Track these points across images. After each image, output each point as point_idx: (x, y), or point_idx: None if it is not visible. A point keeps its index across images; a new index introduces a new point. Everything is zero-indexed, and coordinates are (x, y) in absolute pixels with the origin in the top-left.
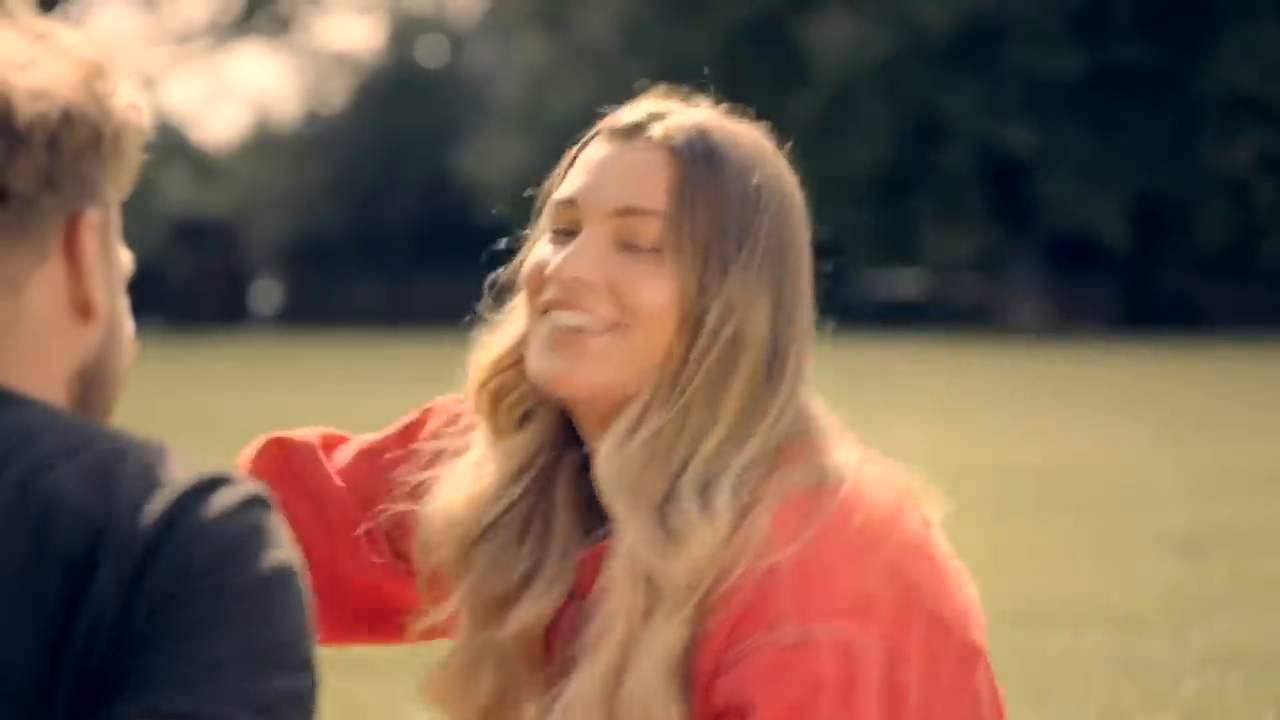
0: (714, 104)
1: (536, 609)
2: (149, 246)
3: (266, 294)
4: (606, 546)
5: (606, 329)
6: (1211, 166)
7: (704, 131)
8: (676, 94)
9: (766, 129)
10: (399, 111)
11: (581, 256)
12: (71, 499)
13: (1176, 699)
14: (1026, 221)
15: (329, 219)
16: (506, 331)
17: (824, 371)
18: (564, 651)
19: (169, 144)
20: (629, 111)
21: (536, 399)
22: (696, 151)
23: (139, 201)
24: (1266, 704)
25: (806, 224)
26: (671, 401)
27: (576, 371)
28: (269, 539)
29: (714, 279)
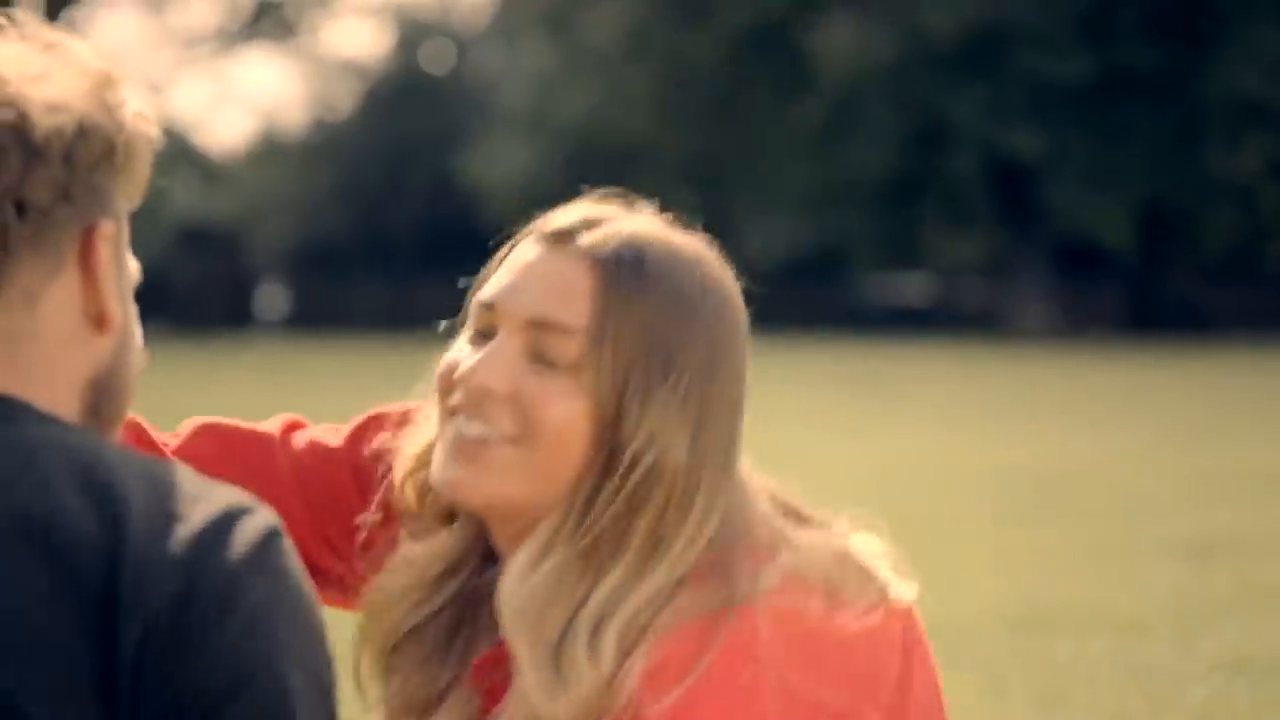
0: (657, 210)
1: None
2: (154, 252)
3: (272, 299)
4: (503, 653)
5: (509, 442)
6: (1217, 172)
7: (635, 244)
8: (620, 198)
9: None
10: (405, 117)
11: (490, 365)
12: (84, 531)
13: (1182, 705)
14: (1032, 226)
15: (335, 224)
16: (431, 423)
17: (830, 376)
18: None
19: (175, 149)
20: (562, 214)
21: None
22: (624, 265)
23: (145, 207)
24: (1273, 710)
25: (744, 341)
26: (579, 534)
27: (476, 482)
28: (289, 579)
29: (633, 407)
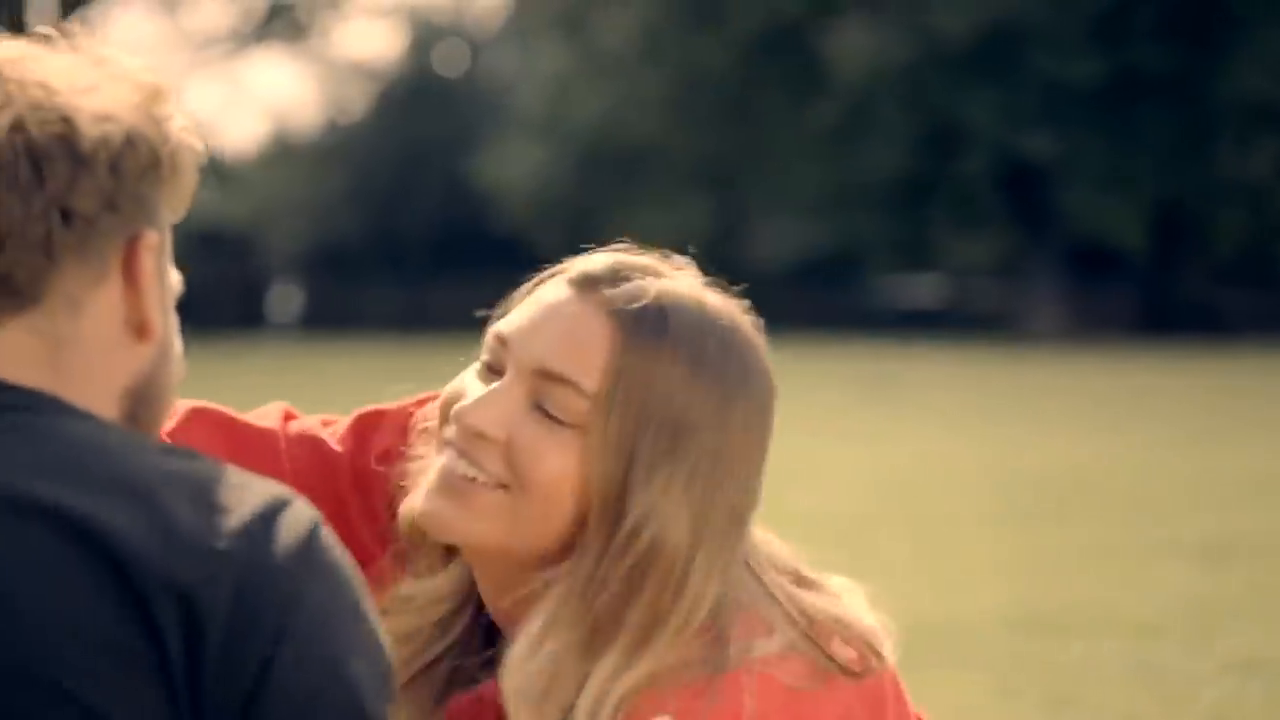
0: (698, 270)
1: None
2: None
3: (284, 301)
4: (489, 692)
5: (497, 487)
6: (1230, 173)
7: (662, 304)
8: (659, 251)
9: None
10: (418, 119)
11: (489, 408)
12: (127, 526)
13: (1194, 707)
14: (1045, 228)
15: (347, 226)
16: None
17: (842, 378)
18: None
19: None
20: (595, 260)
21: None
22: (646, 326)
23: None
24: None
25: (767, 416)
26: (580, 617)
27: (457, 519)
28: (343, 571)
29: (637, 483)
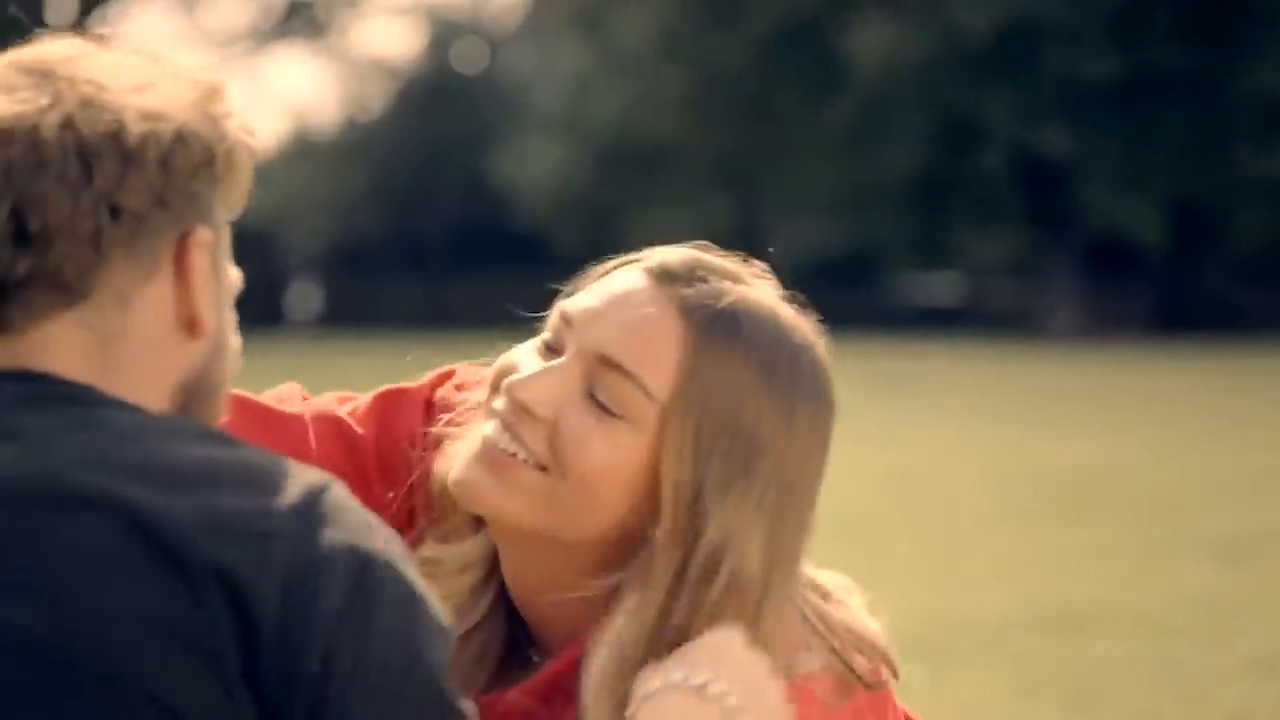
0: (778, 282)
1: None
2: None
3: (304, 298)
4: (513, 700)
5: (536, 466)
6: (1248, 170)
7: (739, 313)
8: (742, 255)
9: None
10: (437, 117)
11: (541, 385)
12: (180, 520)
13: (1215, 705)
14: (1063, 226)
15: (367, 224)
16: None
17: (861, 376)
18: None
19: None
20: (675, 254)
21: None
22: (720, 333)
23: None
24: None
25: (828, 440)
26: (657, 632)
27: (492, 491)
28: (390, 551)
29: (712, 499)
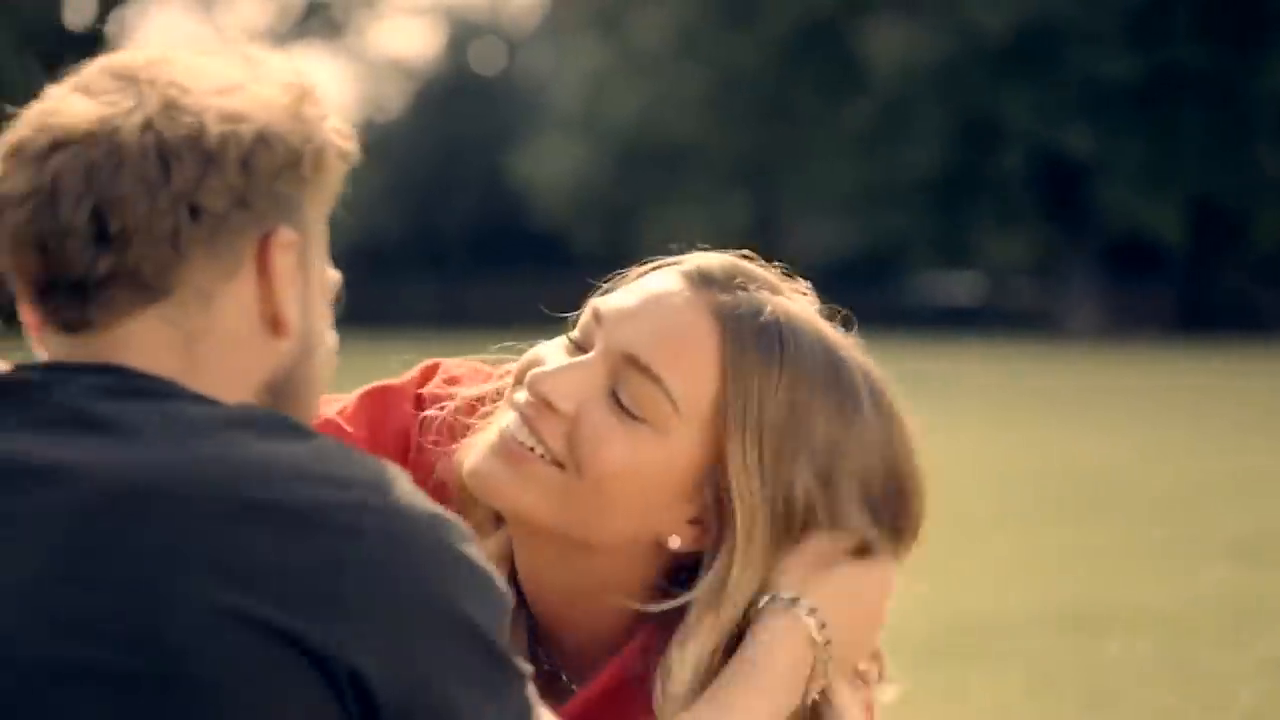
0: (815, 296)
1: None
2: None
3: None
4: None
5: (553, 462)
6: (1269, 170)
7: (781, 326)
8: (782, 268)
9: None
10: (455, 116)
11: (564, 380)
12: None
13: (1232, 705)
14: (1083, 225)
15: (385, 223)
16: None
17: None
18: None
19: None
20: (715, 258)
21: None
22: (762, 345)
23: None
24: None
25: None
26: (720, 648)
27: (507, 485)
28: (468, 538)
29: (804, 518)
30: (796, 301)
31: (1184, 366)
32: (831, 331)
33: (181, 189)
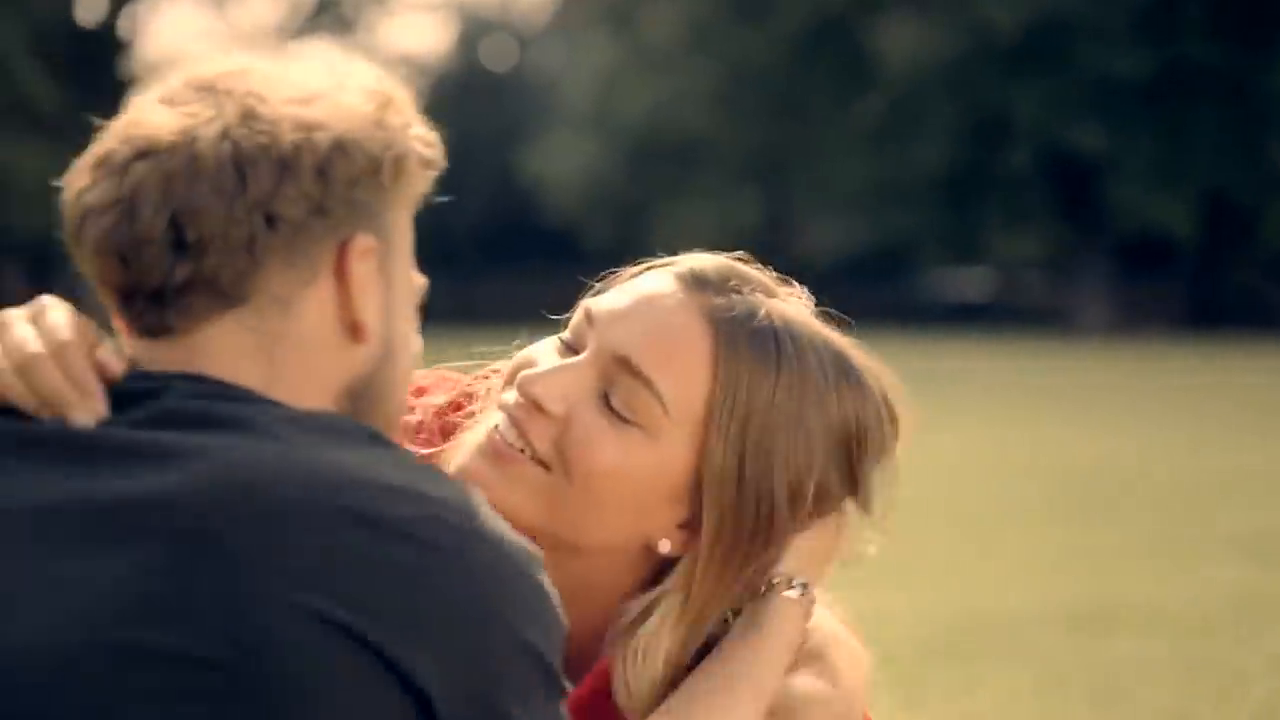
0: (810, 300)
1: None
2: None
3: None
4: None
5: (540, 463)
6: None
7: (777, 329)
8: (778, 275)
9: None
10: (466, 113)
11: (554, 382)
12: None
13: (1243, 703)
14: (1093, 222)
15: None
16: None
17: (890, 372)
18: None
19: None
20: (710, 260)
21: None
22: (756, 349)
23: None
24: None
25: (880, 455)
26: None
27: (494, 484)
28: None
29: (770, 528)
30: (792, 305)
31: (1195, 363)
32: (830, 333)
33: (257, 198)
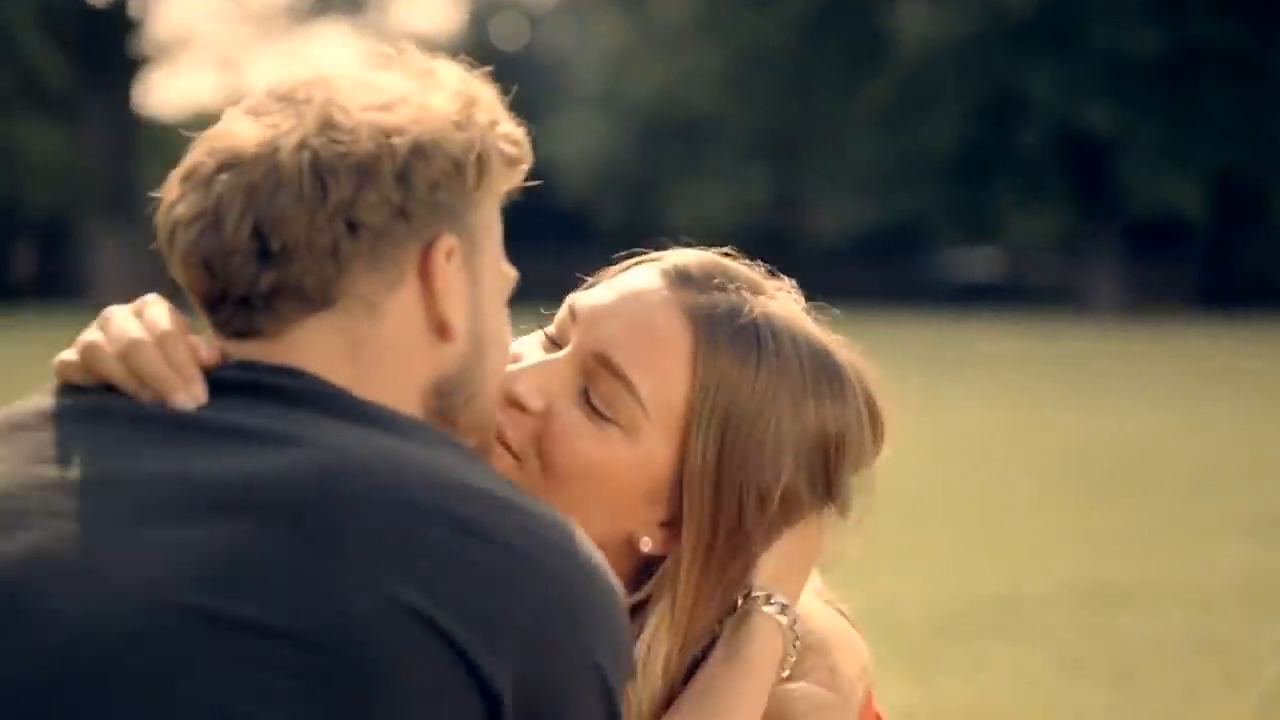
0: (799, 295)
1: None
2: None
3: None
4: None
5: (514, 454)
6: None
7: (760, 328)
8: (765, 268)
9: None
10: None
11: (533, 378)
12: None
13: (1256, 681)
14: (1105, 202)
15: None
16: None
17: (902, 352)
18: None
19: None
20: (694, 257)
21: None
22: (737, 352)
23: None
24: None
25: (859, 462)
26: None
27: None
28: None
29: (736, 548)
30: (780, 301)
31: (1206, 343)
32: (816, 332)
33: (339, 205)
